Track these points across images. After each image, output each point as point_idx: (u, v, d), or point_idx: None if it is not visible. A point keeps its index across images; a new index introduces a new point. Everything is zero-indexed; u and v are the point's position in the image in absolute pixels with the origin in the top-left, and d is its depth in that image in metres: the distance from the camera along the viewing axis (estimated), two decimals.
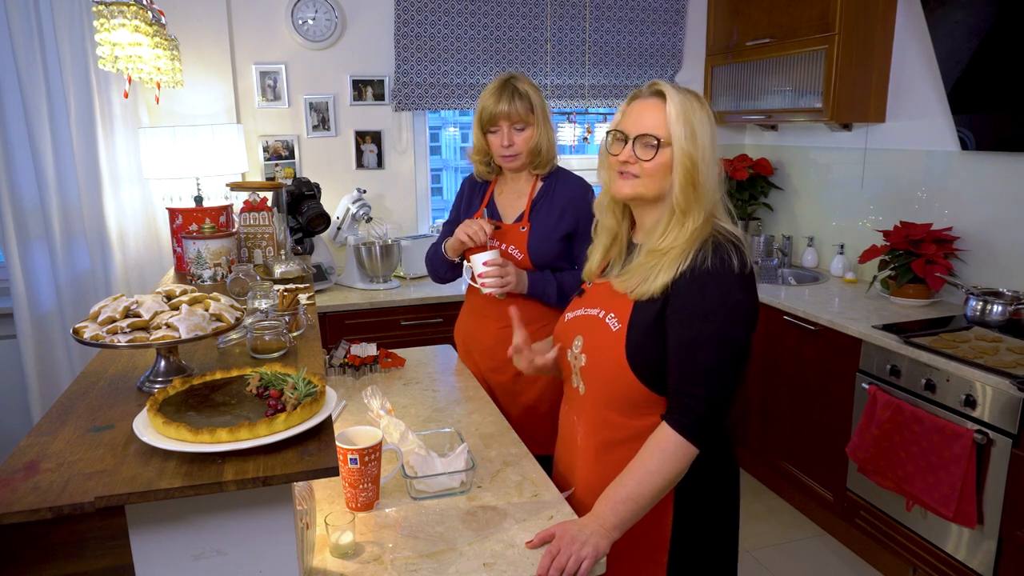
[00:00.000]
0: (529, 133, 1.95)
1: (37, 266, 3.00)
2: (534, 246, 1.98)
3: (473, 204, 2.13)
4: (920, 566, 2.41)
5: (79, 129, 2.93)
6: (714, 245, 1.28)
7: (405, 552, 1.22)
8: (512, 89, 1.92)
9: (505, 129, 1.94)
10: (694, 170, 1.28)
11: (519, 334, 1.53)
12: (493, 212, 2.08)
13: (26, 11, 2.79)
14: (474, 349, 2.13)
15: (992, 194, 2.72)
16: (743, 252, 1.29)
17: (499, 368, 2.05)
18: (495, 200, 2.09)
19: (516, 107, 1.90)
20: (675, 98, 1.29)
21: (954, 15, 2.64)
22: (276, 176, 3.38)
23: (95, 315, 1.18)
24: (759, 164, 3.80)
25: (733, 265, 1.26)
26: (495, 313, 2.04)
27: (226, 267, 1.88)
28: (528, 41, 3.57)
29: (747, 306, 1.28)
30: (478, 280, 1.91)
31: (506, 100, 1.91)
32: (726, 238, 1.29)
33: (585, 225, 1.95)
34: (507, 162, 1.99)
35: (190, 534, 0.95)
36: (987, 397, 2.14)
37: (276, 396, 1.02)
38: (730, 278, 1.26)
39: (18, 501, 0.84)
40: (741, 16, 3.55)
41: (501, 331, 2.02)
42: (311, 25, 3.30)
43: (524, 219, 2.01)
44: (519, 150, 1.95)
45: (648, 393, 1.31)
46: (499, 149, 1.96)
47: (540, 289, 1.96)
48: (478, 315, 2.11)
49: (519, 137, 1.94)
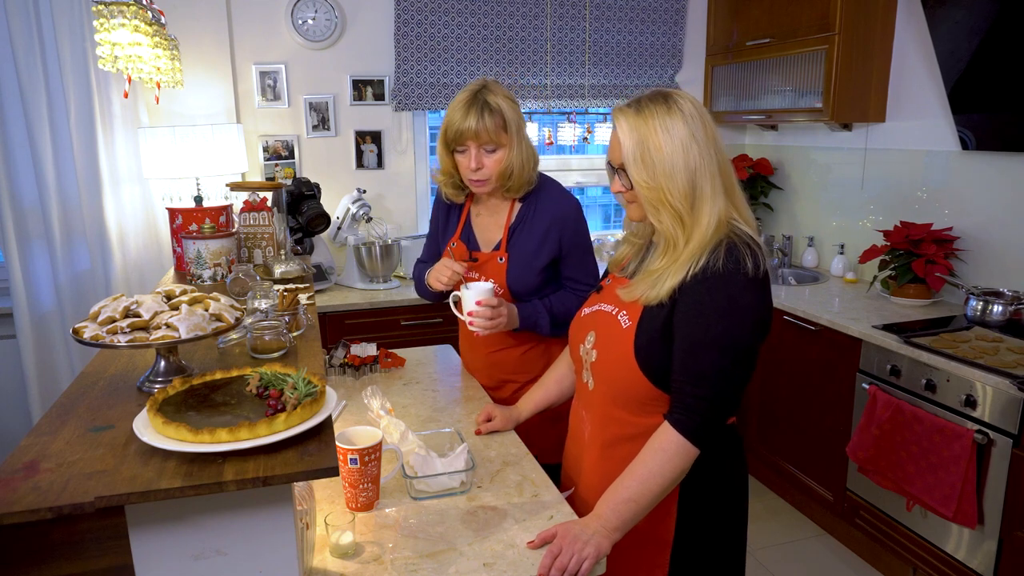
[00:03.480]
0: (501, 155, 1.72)
1: (37, 266, 3.00)
2: (513, 279, 1.81)
3: (450, 226, 1.93)
4: (920, 566, 2.41)
5: (79, 129, 2.93)
6: (728, 247, 1.24)
7: (405, 552, 1.22)
8: (483, 103, 1.68)
9: (473, 150, 1.70)
10: (657, 194, 1.24)
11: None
12: (469, 237, 1.89)
13: (26, 11, 2.79)
14: (471, 366, 2.07)
15: (992, 194, 2.72)
16: (758, 255, 1.25)
17: (497, 387, 1.98)
18: (471, 223, 1.90)
19: (485, 124, 1.67)
20: (625, 121, 1.26)
21: (954, 15, 2.64)
22: (276, 176, 3.38)
23: (95, 315, 1.17)
24: (759, 164, 3.80)
25: (747, 268, 1.23)
26: (480, 341, 1.88)
27: (226, 267, 1.88)
28: (528, 41, 3.57)
29: (756, 309, 1.25)
30: (466, 317, 1.71)
31: (475, 115, 1.67)
32: (742, 240, 1.26)
33: (573, 246, 1.81)
34: (476, 187, 1.78)
35: (190, 534, 0.95)
36: (987, 397, 2.14)
37: (276, 396, 1.02)
38: (740, 280, 1.23)
39: (18, 501, 0.84)
40: (741, 16, 3.55)
41: (490, 355, 1.94)
42: (311, 25, 3.30)
43: (502, 248, 1.82)
44: (489, 173, 1.73)
45: (655, 391, 1.30)
46: (467, 172, 1.75)
47: (532, 323, 1.80)
48: (466, 337, 2.00)
49: (489, 159, 1.72)
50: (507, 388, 1.96)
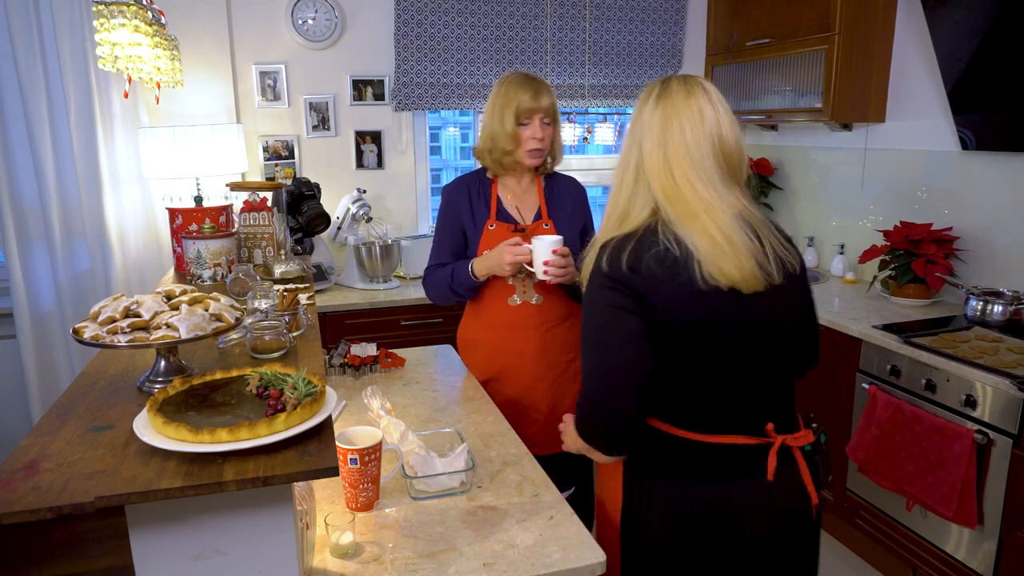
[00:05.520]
0: (552, 129, 1.99)
1: (37, 266, 3.00)
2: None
3: (477, 214, 2.05)
4: (920, 566, 2.41)
5: (79, 129, 2.93)
6: (603, 245, 1.27)
7: (405, 552, 1.22)
8: (541, 84, 1.96)
9: (537, 122, 1.95)
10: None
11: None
12: (504, 214, 2.04)
13: (26, 11, 2.79)
14: (475, 354, 2.12)
15: (992, 194, 2.72)
16: (609, 250, 1.25)
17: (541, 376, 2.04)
18: (503, 204, 2.06)
19: (546, 101, 1.94)
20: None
21: (954, 15, 2.64)
22: (276, 176, 3.38)
23: (95, 315, 1.18)
24: (759, 164, 3.80)
25: (600, 264, 1.25)
26: (535, 320, 2.02)
27: (226, 267, 1.88)
28: (528, 41, 3.57)
29: (596, 301, 1.25)
30: (540, 266, 1.85)
31: (539, 94, 1.93)
32: (617, 238, 1.27)
33: (589, 217, 2.10)
34: (533, 156, 1.97)
35: (190, 534, 0.95)
36: (987, 397, 2.14)
37: (276, 396, 1.02)
38: (595, 277, 1.26)
39: (18, 501, 0.84)
40: (741, 16, 3.54)
41: (542, 336, 2.03)
42: (311, 25, 3.30)
43: (544, 216, 2.04)
44: (547, 144, 1.98)
45: None
46: (529, 142, 1.95)
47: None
48: (513, 328, 2.05)
49: (547, 131, 1.97)
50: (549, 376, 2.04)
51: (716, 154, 1.26)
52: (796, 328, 1.35)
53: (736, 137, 1.29)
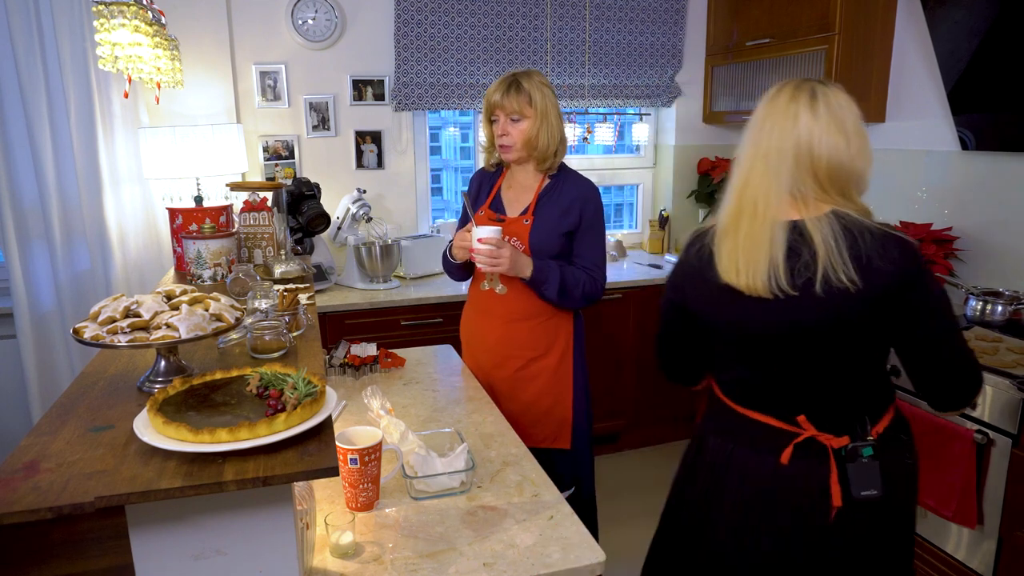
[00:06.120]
0: (525, 125, 2.00)
1: (37, 266, 3.00)
2: (535, 238, 2.02)
3: (481, 196, 2.19)
4: (920, 566, 2.41)
5: (79, 129, 2.93)
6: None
7: (405, 552, 1.22)
8: (514, 82, 1.99)
9: (502, 119, 2.01)
10: None
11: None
12: (497, 205, 2.12)
13: (26, 11, 2.79)
14: (477, 345, 2.15)
15: (992, 194, 2.72)
16: (691, 238, 1.48)
17: (501, 364, 2.08)
18: (501, 194, 2.14)
19: (511, 99, 1.97)
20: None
21: (954, 15, 2.64)
22: (276, 176, 3.38)
23: (95, 315, 1.18)
24: None
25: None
26: (499, 310, 2.07)
27: (226, 267, 1.88)
28: (528, 41, 3.57)
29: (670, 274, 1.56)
30: (473, 255, 1.94)
31: (501, 91, 1.99)
32: (701, 231, 1.50)
33: (589, 224, 2.05)
34: (503, 152, 2.05)
35: (190, 534, 0.95)
36: (987, 397, 2.14)
37: (276, 396, 1.02)
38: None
39: (18, 501, 0.84)
40: (741, 16, 3.54)
41: (504, 326, 2.07)
42: (311, 25, 3.30)
43: (528, 212, 2.06)
44: (513, 140, 2.01)
45: None
46: (496, 139, 2.06)
47: (543, 276, 1.96)
48: (481, 312, 2.14)
49: (514, 128, 2.00)
50: (509, 365, 2.07)
51: (800, 161, 1.27)
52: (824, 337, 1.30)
53: (834, 146, 1.26)
